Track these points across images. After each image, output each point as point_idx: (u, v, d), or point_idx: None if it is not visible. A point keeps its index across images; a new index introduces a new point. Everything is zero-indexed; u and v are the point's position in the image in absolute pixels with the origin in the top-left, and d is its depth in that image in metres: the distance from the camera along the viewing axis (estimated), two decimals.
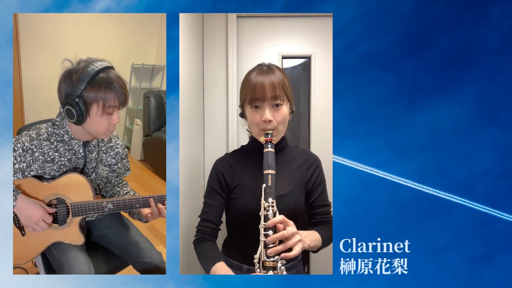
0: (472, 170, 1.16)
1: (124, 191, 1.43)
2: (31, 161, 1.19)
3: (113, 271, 1.46)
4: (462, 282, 1.14)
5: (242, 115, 1.24)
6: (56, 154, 1.22)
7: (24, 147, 1.17)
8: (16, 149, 1.16)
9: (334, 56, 1.21)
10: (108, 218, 1.48)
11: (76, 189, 1.25)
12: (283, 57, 1.94)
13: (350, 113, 1.19)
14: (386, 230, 1.14)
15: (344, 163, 1.17)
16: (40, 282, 1.19)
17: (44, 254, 1.35)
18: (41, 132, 1.21)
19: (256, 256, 1.00)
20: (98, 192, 1.43)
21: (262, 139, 1.11)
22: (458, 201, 1.15)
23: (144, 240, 1.44)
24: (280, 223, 1.00)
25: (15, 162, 1.16)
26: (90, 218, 1.45)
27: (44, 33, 3.63)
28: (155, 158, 3.88)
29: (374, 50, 1.18)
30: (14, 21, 3.37)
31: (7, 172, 1.16)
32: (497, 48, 1.17)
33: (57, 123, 1.23)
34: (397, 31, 1.18)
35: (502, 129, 1.16)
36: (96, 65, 1.13)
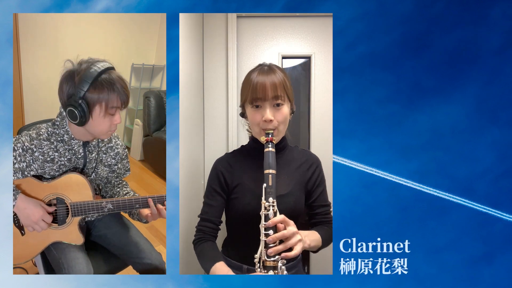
0: (472, 170, 1.16)
1: (124, 192, 1.43)
2: (31, 161, 1.19)
3: (113, 272, 1.46)
4: (462, 282, 1.14)
5: (243, 115, 1.23)
6: (56, 154, 1.22)
7: (24, 147, 1.17)
8: (16, 149, 1.16)
9: (334, 56, 1.21)
10: (108, 219, 1.48)
11: (76, 189, 1.25)
12: (283, 57, 1.94)
13: (350, 113, 1.19)
14: (386, 230, 1.14)
15: (344, 163, 1.17)
16: (40, 282, 1.19)
17: (44, 254, 1.35)
18: (41, 132, 1.21)
19: (257, 256, 1.00)
20: (98, 193, 1.43)
21: (263, 139, 1.11)
22: (458, 201, 1.15)
23: (144, 241, 1.44)
24: (281, 223, 1.00)
25: (15, 162, 1.16)
26: (90, 218, 1.44)
27: (44, 33, 3.63)
28: (155, 158, 3.88)
29: (374, 50, 1.18)
30: (14, 21, 3.37)
31: (7, 172, 1.16)
32: (497, 48, 1.17)
33: (57, 123, 1.23)
34: (397, 31, 1.18)
35: (502, 129, 1.16)
36: (99, 66, 1.13)
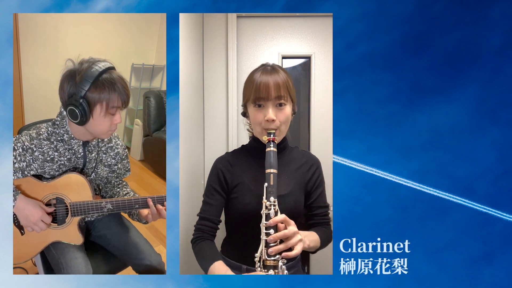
0: (472, 170, 1.16)
1: (124, 192, 1.43)
2: (31, 161, 1.19)
3: (113, 272, 1.46)
4: (462, 282, 1.14)
5: (244, 114, 1.24)
6: (56, 154, 1.22)
7: (24, 147, 1.17)
8: (16, 148, 1.17)
9: (334, 56, 1.21)
10: (108, 219, 1.48)
11: (76, 189, 1.25)
12: (283, 57, 1.94)
13: (350, 113, 1.19)
14: (386, 230, 1.14)
15: (344, 163, 1.17)
16: (40, 282, 1.19)
17: (43, 254, 1.35)
18: (41, 132, 1.21)
19: (257, 255, 0.99)
20: (98, 193, 1.43)
21: (265, 138, 1.11)
22: (458, 201, 1.15)
23: (144, 242, 1.43)
24: (282, 222, 1.00)
25: (15, 161, 1.16)
26: (90, 219, 1.44)
27: (44, 33, 3.62)
28: (155, 158, 3.88)
29: (374, 50, 1.18)
30: (14, 21, 3.37)
31: (7, 172, 1.16)
32: (497, 48, 1.17)
33: (57, 123, 1.23)
34: (397, 31, 1.18)
35: (502, 129, 1.16)
36: (100, 66, 1.13)
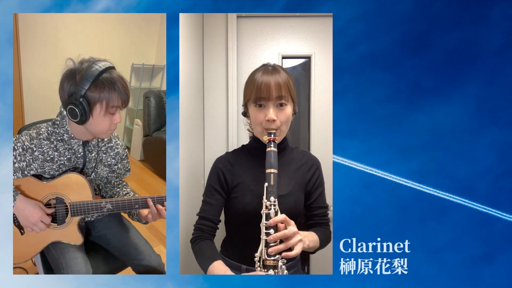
0: (472, 170, 1.16)
1: (124, 192, 1.43)
2: (31, 160, 1.19)
3: (112, 272, 1.46)
4: (462, 282, 1.14)
5: (245, 114, 1.24)
6: (56, 154, 1.22)
7: (24, 146, 1.17)
8: (16, 148, 1.17)
9: (334, 56, 1.21)
10: (108, 219, 1.48)
11: (75, 189, 1.25)
12: (283, 57, 1.94)
13: (350, 113, 1.19)
14: (386, 230, 1.14)
15: (344, 163, 1.17)
16: (40, 282, 1.19)
17: (43, 253, 1.35)
18: (41, 131, 1.21)
19: (257, 255, 0.99)
20: (98, 193, 1.43)
21: (266, 138, 1.11)
22: (458, 201, 1.15)
23: (144, 243, 1.43)
24: (282, 222, 1.00)
25: (15, 161, 1.16)
26: (90, 219, 1.44)
27: (44, 33, 3.62)
28: (155, 158, 3.88)
29: (374, 50, 1.18)
30: (14, 21, 3.37)
31: (7, 172, 1.16)
32: (497, 48, 1.17)
33: (57, 123, 1.23)
34: (397, 31, 1.18)
35: (502, 129, 1.16)
36: (100, 65, 1.14)
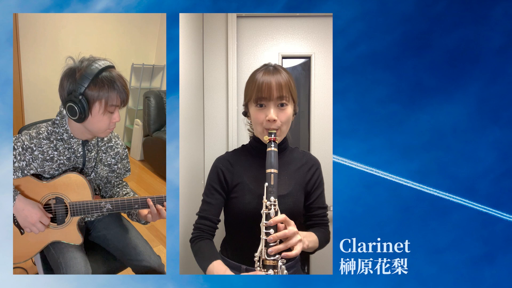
0: (474, 170, 1.16)
1: (124, 192, 1.42)
2: (31, 160, 1.18)
3: (112, 272, 1.45)
4: (463, 283, 1.14)
5: (245, 114, 1.24)
6: (56, 153, 1.22)
7: (24, 146, 1.17)
8: (16, 148, 1.16)
9: (335, 56, 1.20)
10: (108, 219, 1.48)
11: (75, 189, 1.25)
12: (283, 57, 1.94)
13: (351, 113, 1.18)
14: (387, 230, 1.14)
15: (345, 163, 1.17)
16: (40, 282, 1.19)
17: (43, 253, 1.34)
18: (41, 131, 1.21)
19: (257, 255, 0.99)
20: (98, 193, 1.43)
21: (266, 138, 1.11)
22: (459, 201, 1.15)
23: (143, 243, 1.43)
24: (282, 222, 1.00)
25: (15, 161, 1.16)
26: (90, 219, 1.44)
27: (44, 33, 3.63)
28: (155, 158, 3.88)
29: (375, 50, 1.18)
30: (14, 21, 3.37)
31: (7, 172, 1.16)
32: (499, 48, 1.16)
33: (57, 122, 1.23)
34: (398, 31, 1.17)
35: (504, 129, 1.16)
36: (100, 64, 1.14)
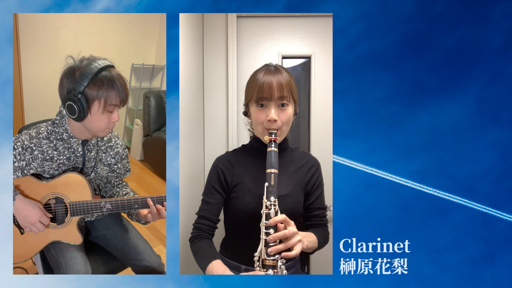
0: (474, 170, 1.16)
1: (124, 192, 1.42)
2: (31, 159, 1.19)
3: (112, 272, 1.45)
4: (463, 282, 1.14)
5: (246, 114, 1.24)
6: (55, 153, 1.22)
7: (24, 146, 1.17)
8: (16, 148, 1.17)
9: (335, 56, 1.20)
10: (108, 219, 1.48)
11: (75, 189, 1.25)
12: (283, 57, 1.94)
13: (351, 113, 1.18)
14: (387, 230, 1.14)
15: (345, 163, 1.17)
16: (40, 282, 1.19)
17: (43, 253, 1.34)
18: (41, 131, 1.21)
19: (256, 254, 0.99)
20: (98, 192, 1.43)
21: (267, 138, 1.11)
22: (459, 201, 1.14)
23: (143, 243, 1.43)
24: (281, 223, 1.00)
25: (15, 161, 1.16)
26: (89, 219, 1.44)
27: (44, 33, 3.63)
28: (155, 158, 3.88)
29: (375, 50, 1.18)
30: (14, 21, 3.37)
31: (7, 172, 1.16)
32: (499, 48, 1.16)
33: (57, 122, 1.23)
34: (398, 31, 1.17)
35: (504, 129, 1.16)
36: (99, 63, 1.14)
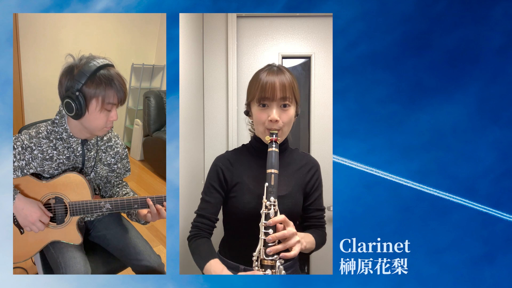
0: (474, 170, 1.16)
1: (123, 192, 1.42)
2: (30, 159, 1.19)
3: (112, 272, 1.46)
4: (463, 283, 1.14)
5: (247, 113, 1.24)
6: (55, 152, 1.22)
7: (24, 145, 1.17)
8: (16, 147, 1.17)
9: (335, 56, 1.20)
10: (108, 219, 1.48)
11: (75, 189, 1.25)
12: (283, 57, 1.94)
13: (351, 113, 1.18)
14: (387, 230, 1.14)
15: (345, 163, 1.17)
16: (40, 282, 1.18)
17: (43, 253, 1.34)
18: (41, 130, 1.22)
19: (255, 254, 0.99)
20: (98, 192, 1.43)
21: (267, 138, 1.11)
22: (459, 201, 1.14)
23: (143, 243, 1.43)
24: (281, 223, 1.00)
25: (15, 160, 1.17)
26: (89, 218, 1.44)
27: (44, 33, 3.63)
28: (155, 158, 3.88)
29: (375, 50, 1.18)
30: (14, 21, 3.37)
31: (7, 172, 1.16)
32: (499, 48, 1.16)
33: (57, 121, 1.23)
34: (398, 31, 1.17)
35: (504, 129, 1.16)
36: (98, 62, 1.14)
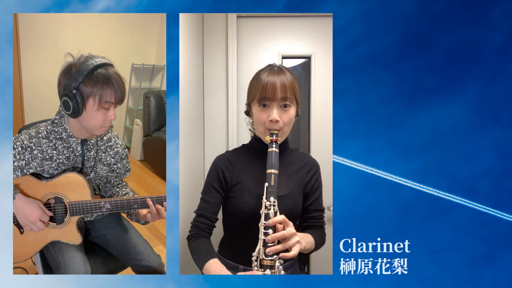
0: (474, 170, 1.16)
1: (123, 192, 1.42)
2: (30, 159, 1.19)
3: (112, 272, 1.46)
4: (463, 283, 1.14)
5: (248, 113, 1.24)
6: (55, 152, 1.22)
7: (23, 145, 1.18)
8: (16, 147, 1.17)
9: (335, 56, 1.20)
10: (108, 219, 1.48)
11: (74, 189, 1.25)
12: (283, 57, 1.94)
13: (351, 113, 1.18)
14: (387, 230, 1.14)
15: (345, 163, 1.17)
16: (40, 282, 1.19)
17: (43, 253, 1.34)
18: (40, 130, 1.22)
19: (254, 254, 0.99)
20: (98, 192, 1.43)
21: (268, 138, 1.11)
22: (459, 201, 1.14)
23: (143, 243, 1.43)
24: (281, 223, 1.00)
25: (14, 160, 1.17)
26: (89, 218, 1.44)
27: (44, 33, 3.63)
28: (155, 158, 3.88)
29: (375, 50, 1.18)
30: (14, 21, 3.37)
31: (7, 172, 1.16)
32: (499, 48, 1.16)
33: (56, 121, 1.23)
34: (398, 31, 1.17)
35: (504, 129, 1.16)
36: (96, 61, 1.15)
